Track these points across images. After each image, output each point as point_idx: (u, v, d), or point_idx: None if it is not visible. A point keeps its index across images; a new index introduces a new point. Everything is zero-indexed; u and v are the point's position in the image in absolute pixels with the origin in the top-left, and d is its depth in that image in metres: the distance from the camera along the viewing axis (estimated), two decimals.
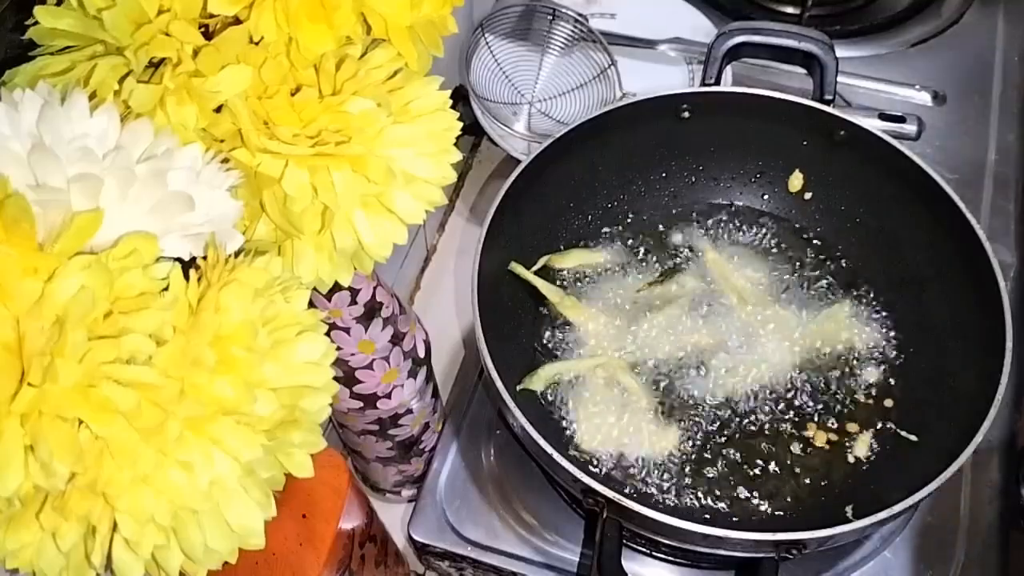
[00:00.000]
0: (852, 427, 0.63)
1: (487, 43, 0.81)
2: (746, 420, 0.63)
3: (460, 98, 0.79)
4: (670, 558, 0.63)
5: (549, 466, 0.55)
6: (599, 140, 0.68)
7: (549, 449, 0.53)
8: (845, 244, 0.71)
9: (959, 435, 0.53)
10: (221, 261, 0.31)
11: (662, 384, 0.65)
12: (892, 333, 0.67)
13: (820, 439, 0.63)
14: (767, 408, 0.64)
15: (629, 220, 0.73)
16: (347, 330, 0.55)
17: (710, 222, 0.73)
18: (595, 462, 0.62)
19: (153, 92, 0.32)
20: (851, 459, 0.62)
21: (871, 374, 0.65)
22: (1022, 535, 0.63)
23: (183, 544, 0.29)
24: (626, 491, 0.60)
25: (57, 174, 0.28)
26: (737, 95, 0.69)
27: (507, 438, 0.67)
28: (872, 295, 0.69)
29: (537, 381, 0.64)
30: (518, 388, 0.62)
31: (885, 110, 0.85)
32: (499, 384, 0.55)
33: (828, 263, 0.71)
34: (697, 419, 0.63)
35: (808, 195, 0.73)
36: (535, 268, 0.68)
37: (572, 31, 0.82)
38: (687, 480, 0.61)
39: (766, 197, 0.74)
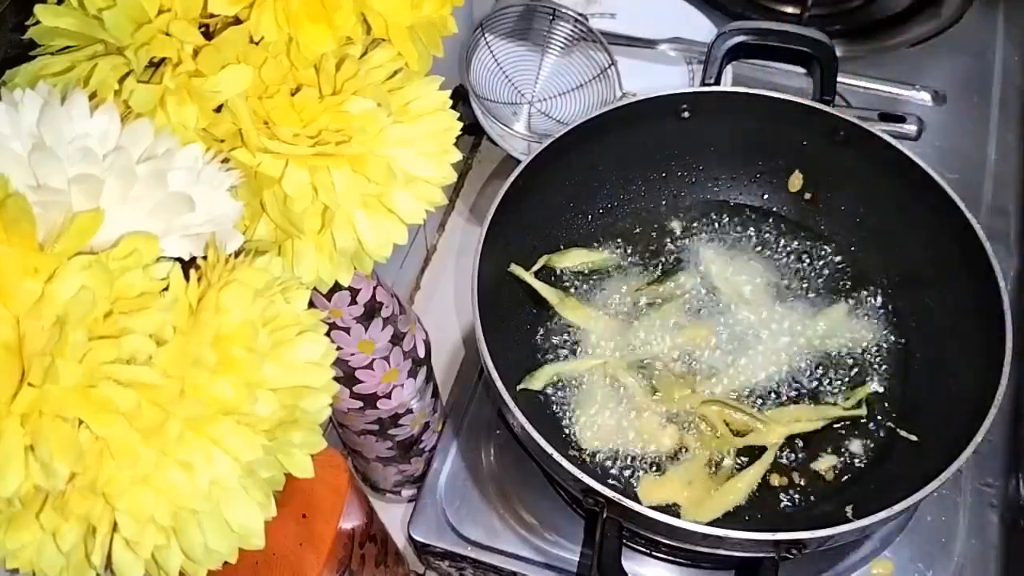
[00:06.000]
0: (852, 427, 0.63)
1: (487, 43, 0.81)
2: (745, 419, 0.63)
3: (460, 98, 0.79)
4: (670, 558, 0.63)
5: (549, 466, 0.55)
6: (599, 140, 0.68)
7: (549, 449, 0.53)
8: (845, 244, 0.71)
9: (959, 435, 0.53)
10: (221, 261, 0.31)
11: (661, 383, 0.65)
12: (892, 333, 0.67)
13: (819, 438, 0.62)
14: (766, 408, 0.64)
15: (629, 220, 0.73)
16: (347, 330, 0.55)
17: (709, 222, 0.73)
18: (595, 462, 0.62)
19: (153, 92, 0.32)
20: (851, 459, 0.62)
21: (871, 374, 0.65)
22: (1022, 535, 0.63)
23: (183, 544, 0.29)
24: (626, 491, 0.60)
25: (58, 174, 0.28)
26: (737, 95, 0.69)
27: (507, 438, 0.67)
28: (872, 295, 0.69)
29: (537, 381, 0.64)
30: (518, 388, 0.62)
31: (885, 110, 0.85)
32: (499, 384, 0.55)
33: (827, 263, 0.71)
34: (696, 418, 0.63)
35: (808, 195, 0.73)
36: (535, 268, 0.68)
37: (572, 31, 0.82)
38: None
39: (766, 197, 0.74)
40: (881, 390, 0.64)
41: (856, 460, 0.62)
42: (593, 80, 0.82)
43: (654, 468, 0.61)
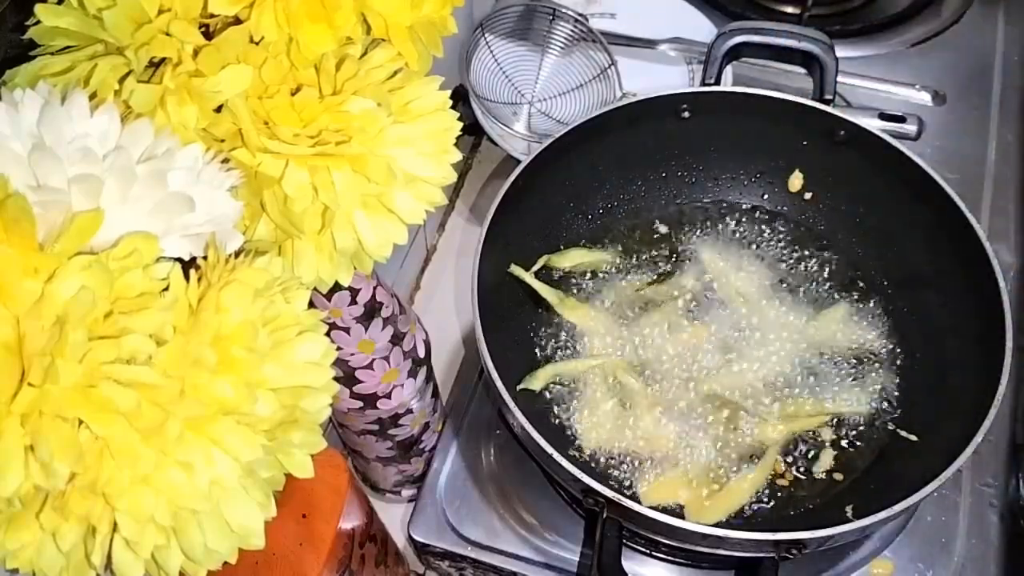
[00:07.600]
0: (852, 426, 0.63)
1: (487, 43, 0.81)
2: (745, 419, 0.63)
3: (460, 98, 0.79)
4: (670, 558, 0.63)
5: (549, 466, 0.55)
6: (599, 140, 0.68)
7: (549, 449, 0.53)
8: (845, 244, 0.71)
9: (959, 435, 0.53)
10: (221, 261, 0.31)
11: (661, 383, 0.65)
12: (892, 333, 0.67)
13: (819, 438, 0.62)
14: (766, 408, 0.64)
15: (629, 220, 0.73)
16: (347, 330, 0.55)
17: (709, 222, 0.73)
18: (595, 462, 0.62)
19: (153, 92, 0.32)
20: (851, 459, 0.62)
21: (871, 374, 0.65)
22: (1022, 535, 0.63)
23: (183, 544, 0.29)
24: (626, 491, 0.60)
25: (58, 174, 0.28)
26: (737, 95, 0.69)
27: (507, 438, 0.67)
28: (872, 295, 0.69)
29: (537, 381, 0.64)
30: (518, 388, 0.62)
31: (885, 110, 0.85)
32: (499, 384, 0.55)
33: (828, 263, 0.71)
34: (696, 418, 0.63)
35: (808, 195, 0.73)
36: (535, 268, 0.68)
37: (572, 31, 0.82)
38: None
39: (766, 197, 0.74)
40: (881, 390, 0.64)
41: (856, 460, 0.62)
42: (593, 80, 0.82)
43: (654, 468, 0.61)
